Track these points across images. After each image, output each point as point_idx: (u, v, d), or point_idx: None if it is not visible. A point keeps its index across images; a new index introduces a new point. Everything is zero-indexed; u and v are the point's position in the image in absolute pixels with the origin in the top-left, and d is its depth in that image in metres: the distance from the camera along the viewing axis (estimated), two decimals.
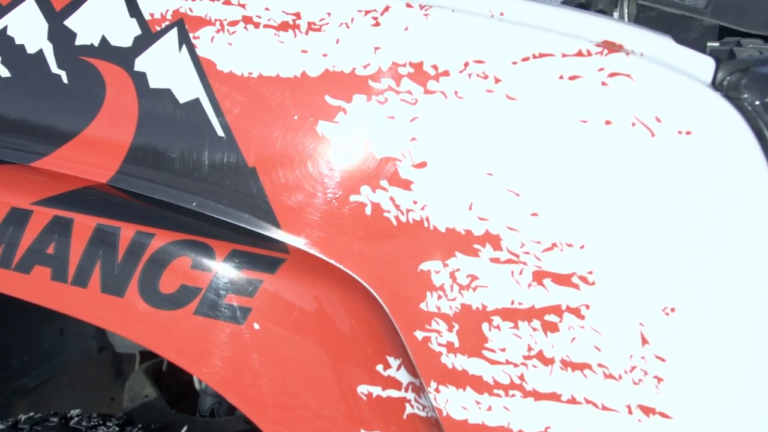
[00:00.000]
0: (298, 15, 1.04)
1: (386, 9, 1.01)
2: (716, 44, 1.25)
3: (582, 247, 0.93)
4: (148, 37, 1.12)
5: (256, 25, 1.06)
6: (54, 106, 1.19)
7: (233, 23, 1.07)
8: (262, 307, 1.01)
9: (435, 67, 0.97)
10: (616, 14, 1.47)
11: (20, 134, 1.22)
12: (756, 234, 0.90)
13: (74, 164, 1.17)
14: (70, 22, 1.18)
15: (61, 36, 1.18)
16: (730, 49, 1.11)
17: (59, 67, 1.18)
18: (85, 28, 1.17)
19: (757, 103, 0.91)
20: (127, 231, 1.08)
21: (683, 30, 1.34)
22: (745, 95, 0.91)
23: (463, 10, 0.99)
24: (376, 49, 1.00)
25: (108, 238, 1.08)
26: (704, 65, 0.93)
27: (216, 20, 1.08)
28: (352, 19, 1.02)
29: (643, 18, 1.37)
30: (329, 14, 1.03)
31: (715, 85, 0.92)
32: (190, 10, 1.10)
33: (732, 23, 1.35)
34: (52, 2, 1.19)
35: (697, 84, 0.91)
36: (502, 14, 0.99)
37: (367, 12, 1.02)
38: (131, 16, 1.14)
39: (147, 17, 1.13)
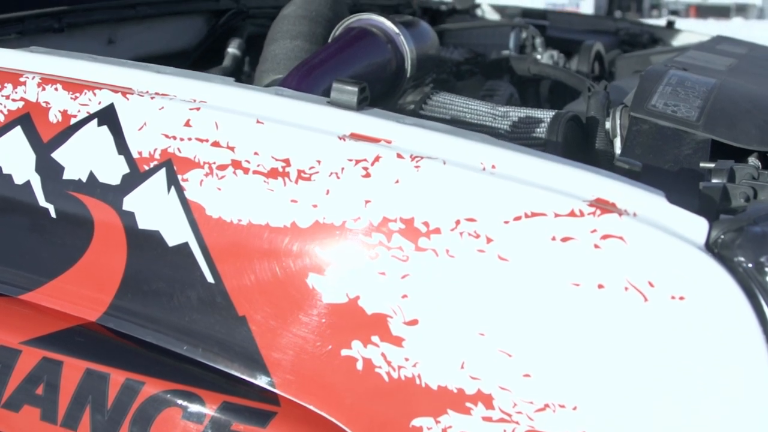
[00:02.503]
0: (287, 162, 1.04)
1: (377, 159, 1.01)
2: (710, 165, 1.24)
3: (575, 408, 0.92)
4: (136, 176, 1.11)
5: (246, 171, 1.05)
6: (42, 240, 1.18)
7: (222, 167, 1.06)
8: None
9: (426, 224, 0.96)
10: (608, 124, 1.46)
11: (8, 266, 1.20)
12: (750, 401, 0.89)
13: (63, 300, 1.16)
14: (57, 155, 1.17)
15: (48, 168, 1.17)
16: (723, 186, 1.10)
17: (47, 200, 1.17)
18: (73, 162, 1.16)
19: (750, 265, 0.90)
20: (117, 377, 1.07)
21: (676, 145, 1.33)
22: (739, 257, 0.90)
23: (455, 162, 0.99)
24: (367, 202, 0.99)
25: (98, 383, 1.07)
26: (697, 226, 0.92)
27: (205, 163, 1.07)
28: (342, 169, 1.01)
29: (635, 131, 1.36)
30: (319, 162, 1.03)
31: (709, 246, 0.92)
32: (179, 150, 1.09)
33: (725, 138, 1.34)
34: (40, 133, 1.19)
35: (690, 247, 0.90)
36: (494, 167, 0.98)
37: (357, 161, 1.01)
38: (119, 153, 1.13)
39: (135, 155, 1.12)
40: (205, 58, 2.26)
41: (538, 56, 2.73)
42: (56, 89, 1.20)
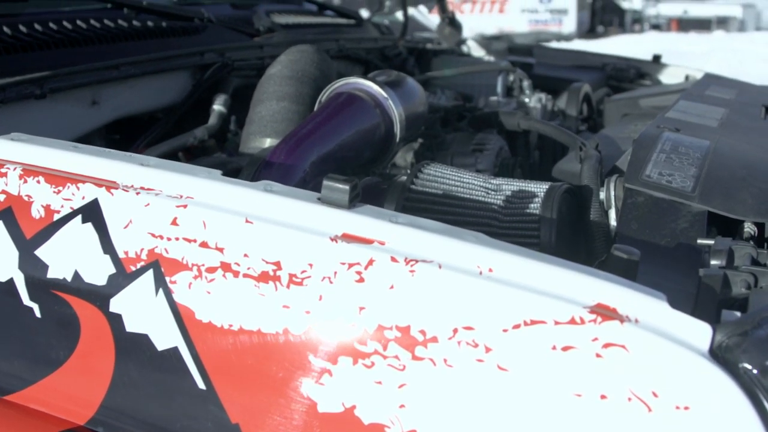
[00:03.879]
0: (278, 265, 1.01)
1: (370, 263, 0.98)
2: (708, 242, 1.23)
3: None
4: (123, 277, 1.08)
5: (236, 274, 1.02)
6: (27, 340, 1.14)
7: (211, 270, 1.04)
8: None
9: (423, 332, 0.93)
10: (602, 195, 1.44)
11: None
12: None
13: (49, 402, 1.12)
14: (41, 253, 1.14)
15: (32, 266, 1.14)
16: (723, 274, 1.08)
17: (31, 299, 1.14)
18: (58, 260, 1.13)
19: (756, 371, 0.88)
20: None
21: (672, 218, 1.31)
22: (744, 363, 0.88)
23: (451, 266, 0.96)
24: (361, 309, 0.96)
25: None
26: (701, 332, 0.90)
27: (193, 265, 1.04)
28: (335, 273, 0.99)
29: (631, 204, 1.34)
30: (311, 266, 1.00)
31: (713, 352, 0.89)
32: (166, 251, 1.06)
33: (721, 209, 1.33)
34: (22, 229, 1.16)
35: (695, 355, 0.88)
36: (491, 270, 0.96)
37: (350, 265, 0.98)
38: (105, 251, 1.10)
39: (121, 255, 1.09)
40: (191, 113, 2.23)
41: (526, 99, 2.72)
42: (38, 182, 1.17)
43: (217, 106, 2.16)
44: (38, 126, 1.84)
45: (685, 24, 25.53)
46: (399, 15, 3.66)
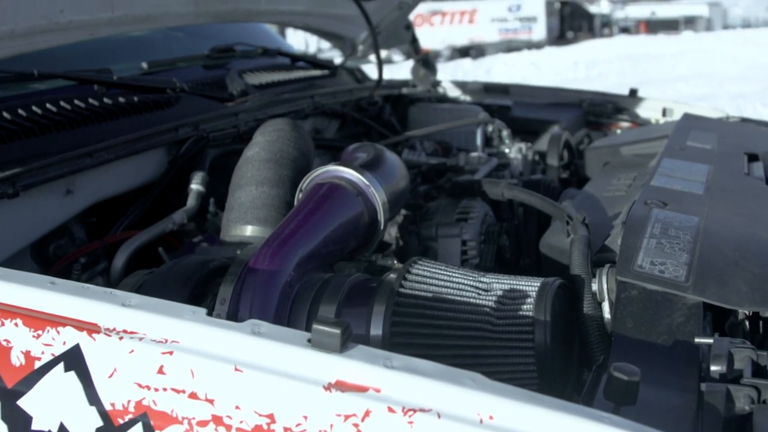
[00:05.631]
0: (271, 418, 0.97)
1: (367, 414, 0.95)
2: (707, 341, 1.20)
3: None
4: (111, 431, 1.04)
5: (228, 428, 0.99)
6: None
7: (203, 423, 1.00)
8: None
9: None
10: (594, 286, 1.42)
11: None
12: None
13: None
14: (24, 404, 1.09)
15: (16, 419, 1.10)
16: (726, 389, 1.06)
17: None
18: (41, 411, 1.09)
19: None
20: None
21: (667, 312, 1.29)
22: None
23: (450, 414, 0.93)
24: None
25: None
26: None
27: (183, 418, 1.01)
28: (331, 426, 0.95)
29: (625, 299, 1.32)
30: (306, 418, 0.96)
31: None
32: (154, 402, 1.03)
33: (715, 300, 1.31)
34: (3, 377, 1.11)
35: None
36: (491, 418, 0.93)
37: (346, 417, 0.95)
38: (90, 403, 1.06)
39: (108, 407, 1.05)
40: (168, 190, 2.19)
41: (506, 150, 2.70)
42: (16, 324, 1.13)
43: (195, 185, 2.12)
44: (10, 225, 1.80)
45: (654, 25, 25.73)
46: (372, 58, 3.64)
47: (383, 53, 3.43)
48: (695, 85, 12.73)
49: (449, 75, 15.64)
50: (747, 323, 1.38)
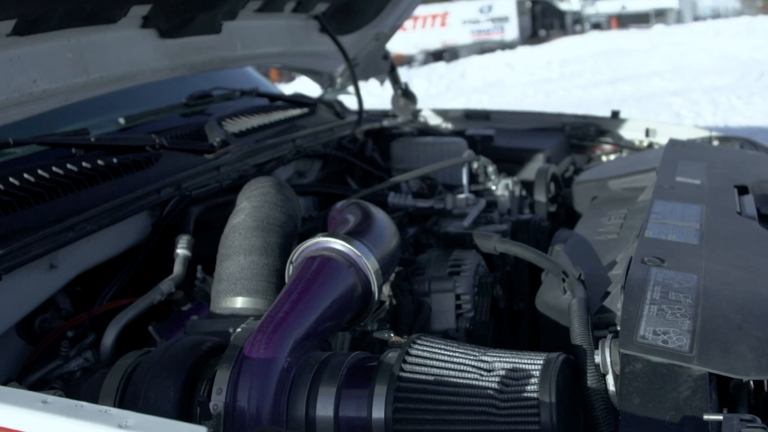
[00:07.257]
0: None
1: None
2: (717, 417, 1.18)
3: None
4: None
5: None
6: None
7: None
8: None
9: None
10: (597, 358, 1.39)
11: None
12: None
13: None
14: None
15: None
16: None
17: None
18: None
19: None
20: None
21: (674, 385, 1.27)
22: None
23: None
24: None
25: None
26: None
27: None
28: None
29: (629, 374, 1.30)
30: None
31: None
32: None
33: (720, 370, 1.29)
34: None
35: None
36: None
37: None
38: None
39: None
40: (153, 252, 2.15)
41: (493, 186, 2.68)
42: None
43: (181, 250, 2.08)
44: None
45: (625, 19, 25.88)
46: (351, 89, 3.60)
47: (361, 84, 3.41)
48: (669, 79, 12.76)
49: (424, 80, 15.63)
50: (751, 383, 1.36)
